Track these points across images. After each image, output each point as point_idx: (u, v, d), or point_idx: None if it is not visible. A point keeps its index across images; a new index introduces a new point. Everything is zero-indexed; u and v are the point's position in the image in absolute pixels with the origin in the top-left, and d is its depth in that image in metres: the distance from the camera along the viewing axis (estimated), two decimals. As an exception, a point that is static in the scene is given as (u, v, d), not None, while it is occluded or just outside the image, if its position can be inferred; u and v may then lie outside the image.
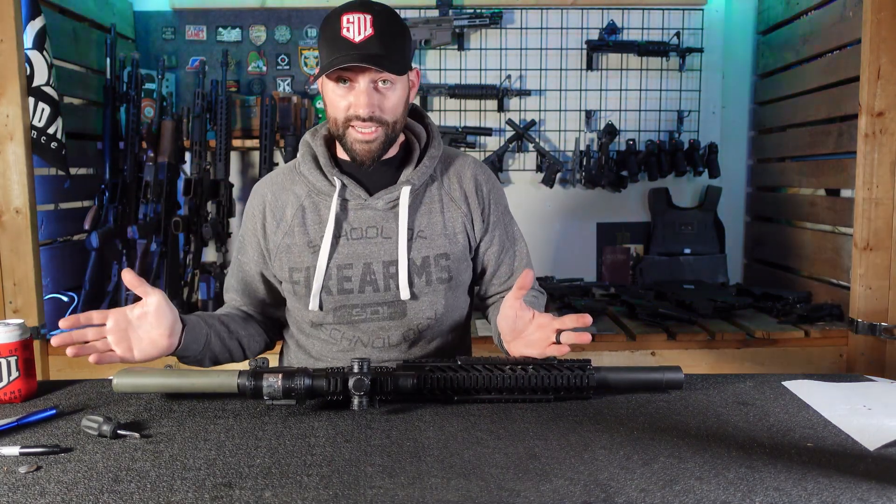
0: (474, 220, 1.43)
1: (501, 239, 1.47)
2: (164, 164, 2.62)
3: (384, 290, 1.37)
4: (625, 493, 0.86)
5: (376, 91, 1.27)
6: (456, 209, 1.41)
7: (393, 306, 1.38)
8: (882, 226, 2.20)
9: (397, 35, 1.27)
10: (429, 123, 1.45)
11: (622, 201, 3.10)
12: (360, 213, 1.37)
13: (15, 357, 1.21)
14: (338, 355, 1.42)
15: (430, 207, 1.40)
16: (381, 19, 1.25)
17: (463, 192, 1.43)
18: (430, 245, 1.38)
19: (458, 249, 1.40)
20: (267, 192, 1.43)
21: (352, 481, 0.90)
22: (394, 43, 1.26)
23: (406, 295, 1.36)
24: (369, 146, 1.30)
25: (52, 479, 0.91)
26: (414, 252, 1.37)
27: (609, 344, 2.31)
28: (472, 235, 1.44)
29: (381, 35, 1.24)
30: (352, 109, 1.27)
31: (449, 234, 1.40)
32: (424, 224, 1.38)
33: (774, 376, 1.33)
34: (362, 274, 1.37)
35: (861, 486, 0.87)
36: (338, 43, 1.24)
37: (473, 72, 3.03)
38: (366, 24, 1.24)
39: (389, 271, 1.37)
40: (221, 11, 2.97)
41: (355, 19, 1.24)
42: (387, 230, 1.37)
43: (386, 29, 1.25)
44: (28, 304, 2.19)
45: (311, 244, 1.38)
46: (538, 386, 1.17)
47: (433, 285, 1.38)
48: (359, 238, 1.37)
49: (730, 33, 3.09)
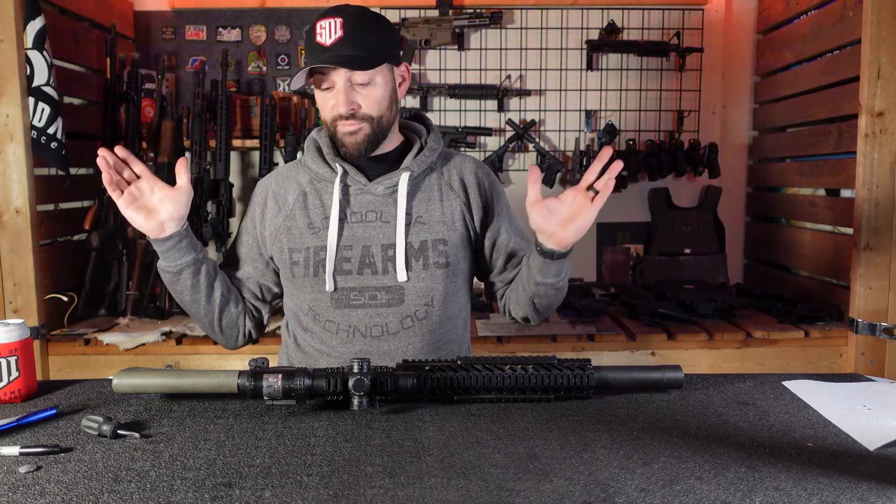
0: (473, 210, 1.47)
1: (508, 230, 1.50)
2: (164, 164, 2.62)
3: (382, 273, 1.41)
4: (625, 493, 0.86)
5: (353, 90, 1.35)
6: (455, 198, 1.46)
7: (391, 291, 1.41)
8: (882, 226, 2.20)
9: (368, 33, 1.34)
10: (430, 123, 1.52)
11: (622, 201, 3.09)
12: (360, 198, 1.43)
13: (15, 357, 1.21)
14: (337, 348, 1.43)
15: (429, 195, 1.44)
16: (350, 20, 1.32)
17: (462, 184, 1.47)
18: (429, 230, 1.42)
19: (456, 237, 1.44)
20: (271, 181, 1.51)
21: (352, 481, 0.90)
22: (363, 41, 1.32)
23: (403, 277, 1.40)
24: (354, 137, 1.37)
25: (52, 479, 0.91)
26: (412, 236, 1.41)
27: (609, 344, 2.31)
28: (472, 226, 1.47)
29: (351, 35, 1.32)
30: (334, 109, 1.36)
31: (447, 222, 1.44)
32: (423, 210, 1.43)
33: (774, 376, 1.33)
34: (361, 256, 1.41)
35: (861, 486, 0.87)
36: (313, 48, 1.34)
37: (473, 72, 3.03)
38: (336, 27, 1.32)
39: (388, 254, 1.41)
40: (221, 11, 2.97)
41: (327, 24, 1.32)
42: (386, 214, 1.42)
43: (356, 30, 1.32)
44: (28, 304, 2.19)
45: (312, 226, 1.43)
46: (538, 386, 1.17)
47: (430, 269, 1.41)
48: (359, 222, 1.42)
49: (730, 33, 3.09)
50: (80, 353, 2.27)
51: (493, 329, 2.35)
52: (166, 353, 2.29)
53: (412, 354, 1.42)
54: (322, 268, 1.41)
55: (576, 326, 2.39)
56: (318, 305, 1.43)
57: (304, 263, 1.42)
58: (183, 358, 2.30)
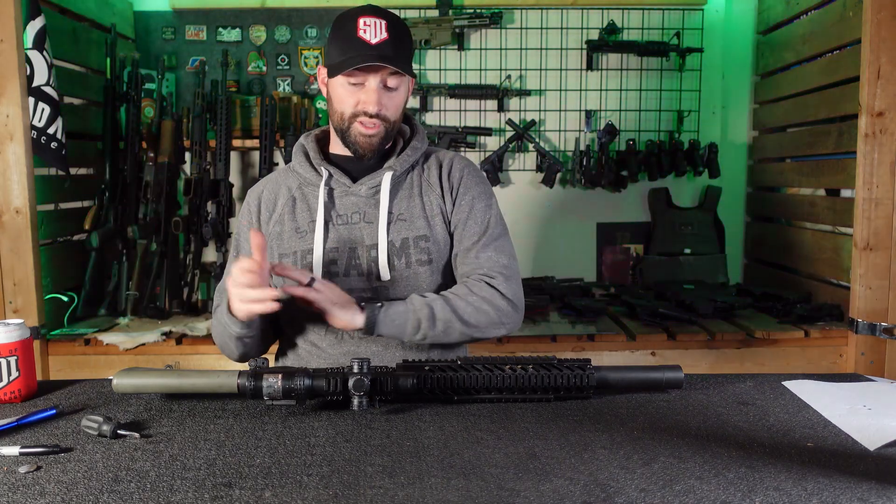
0: (446, 201, 1.47)
1: (468, 211, 1.44)
2: (164, 164, 2.62)
3: (367, 274, 1.42)
4: (625, 493, 0.86)
5: (385, 91, 1.37)
6: (432, 192, 1.47)
7: (376, 291, 1.42)
8: (882, 226, 2.20)
9: (406, 41, 1.40)
10: (415, 123, 1.53)
11: (622, 201, 3.09)
12: (344, 200, 1.44)
13: (15, 357, 1.21)
14: (327, 349, 1.43)
15: (409, 192, 1.46)
16: (393, 26, 1.37)
17: (438, 177, 1.48)
18: (410, 227, 1.43)
19: (437, 232, 1.45)
20: (262, 188, 1.52)
21: (352, 481, 0.90)
22: (404, 48, 1.38)
23: (386, 276, 1.40)
24: (371, 140, 1.39)
25: (52, 479, 0.91)
26: (393, 234, 1.42)
27: (609, 344, 2.31)
28: (448, 218, 1.47)
29: (395, 39, 1.35)
30: (360, 106, 1.37)
31: (428, 217, 1.45)
32: (404, 207, 1.44)
33: (774, 376, 1.33)
34: (347, 258, 1.42)
35: (861, 486, 0.87)
36: (354, 43, 1.34)
37: (473, 72, 3.03)
38: (382, 28, 1.35)
39: (371, 255, 1.42)
40: (221, 11, 2.97)
41: (372, 23, 1.34)
42: (369, 215, 1.43)
43: (399, 34, 1.37)
44: (28, 304, 2.19)
45: (299, 230, 1.44)
46: (538, 386, 1.17)
47: (413, 268, 1.42)
48: (344, 224, 1.43)
49: (730, 33, 3.09)
50: (80, 353, 2.27)
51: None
52: (166, 353, 2.29)
53: (402, 353, 1.42)
54: (310, 271, 1.40)
55: (576, 326, 2.39)
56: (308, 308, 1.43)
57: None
58: (183, 358, 2.30)
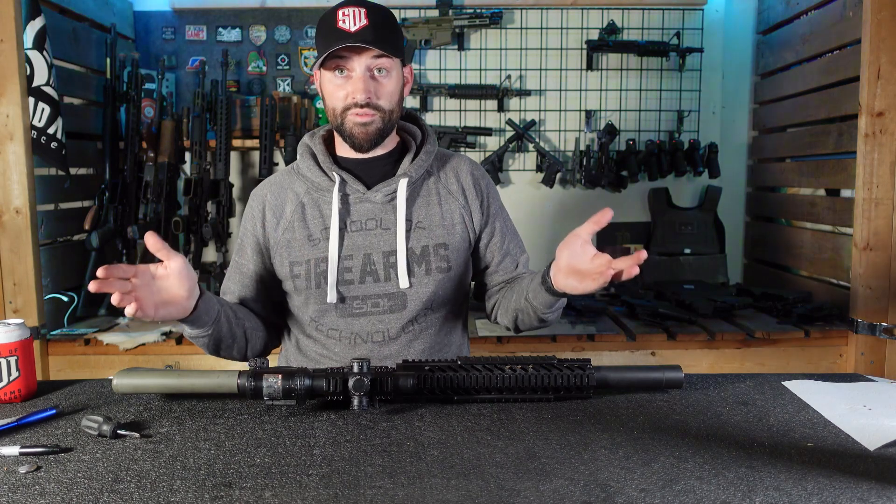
0: (473, 212, 1.46)
1: (502, 230, 1.50)
2: (164, 164, 2.62)
3: (384, 280, 1.40)
4: (625, 493, 0.86)
5: (372, 79, 1.33)
6: (454, 201, 1.45)
7: (393, 298, 1.40)
8: (882, 226, 2.20)
9: (390, 26, 1.34)
10: (423, 124, 1.50)
11: (622, 201, 3.09)
12: (359, 207, 1.41)
13: (15, 357, 1.21)
14: (339, 353, 1.43)
15: (427, 200, 1.43)
16: (373, 12, 1.32)
17: (460, 186, 1.46)
18: (429, 235, 1.41)
19: (456, 240, 1.43)
20: (266, 192, 1.47)
21: (352, 481, 0.90)
22: (387, 32, 1.32)
23: (405, 283, 1.39)
24: (366, 129, 1.35)
25: (52, 479, 0.91)
26: (413, 241, 1.40)
27: (609, 344, 2.31)
28: (472, 227, 1.46)
29: (375, 25, 1.31)
30: (349, 97, 1.33)
31: (447, 225, 1.43)
32: (423, 215, 1.42)
33: (774, 376, 1.33)
34: (363, 265, 1.40)
35: (861, 486, 0.87)
36: (334, 33, 1.30)
37: (473, 72, 3.03)
38: (361, 16, 1.30)
39: (389, 261, 1.39)
40: (221, 11, 2.97)
41: (350, 12, 1.31)
42: (386, 221, 1.40)
43: (380, 20, 1.32)
44: (28, 304, 2.19)
45: (312, 238, 1.41)
46: (538, 386, 1.17)
47: (433, 275, 1.41)
48: (358, 230, 1.40)
49: (730, 33, 3.09)
50: (80, 353, 2.27)
51: (493, 329, 2.35)
52: (166, 353, 2.29)
53: (413, 357, 1.41)
54: (324, 279, 1.39)
55: (576, 326, 2.39)
56: (321, 316, 1.42)
57: (305, 276, 1.40)
58: (183, 358, 2.30)
